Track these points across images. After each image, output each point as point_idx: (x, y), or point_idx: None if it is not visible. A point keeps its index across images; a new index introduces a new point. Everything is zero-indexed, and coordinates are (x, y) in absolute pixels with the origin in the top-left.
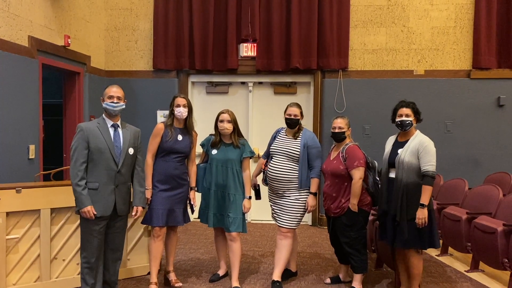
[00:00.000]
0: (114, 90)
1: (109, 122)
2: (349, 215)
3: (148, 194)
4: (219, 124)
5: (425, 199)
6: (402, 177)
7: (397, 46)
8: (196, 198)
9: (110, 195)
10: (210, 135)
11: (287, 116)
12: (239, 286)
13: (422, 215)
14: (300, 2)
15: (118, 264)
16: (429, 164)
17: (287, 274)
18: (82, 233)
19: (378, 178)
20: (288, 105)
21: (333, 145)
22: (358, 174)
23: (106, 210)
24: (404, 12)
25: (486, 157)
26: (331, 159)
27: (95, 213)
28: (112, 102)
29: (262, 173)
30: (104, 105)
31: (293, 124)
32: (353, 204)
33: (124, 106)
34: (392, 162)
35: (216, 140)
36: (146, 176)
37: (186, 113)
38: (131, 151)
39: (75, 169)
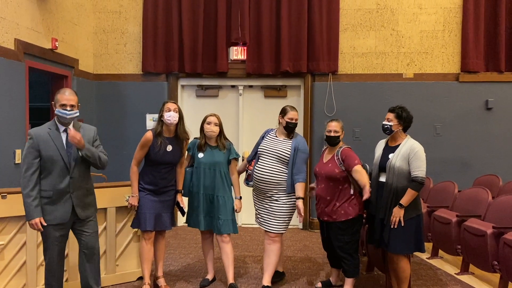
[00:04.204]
0: (67, 98)
1: (61, 127)
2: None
3: (135, 201)
4: (206, 126)
5: (405, 200)
6: (393, 182)
7: (387, 49)
8: (184, 201)
9: (66, 202)
10: (195, 138)
11: (289, 120)
12: (234, 283)
13: (397, 214)
14: (289, 6)
15: (97, 268)
16: (419, 170)
17: (276, 275)
18: (43, 240)
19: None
20: (288, 109)
21: (325, 147)
22: (359, 167)
23: (63, 217)
24: (393, 15)
25: (475, 160)
26: (325, 162)
27: (45, 224)
28: (65, 110)
29: (245, 172)
30: (56, 112)
31: (294, 129)
32: (368, 188)
33: (78, 114)
34: (382, 166)
35: (202, 142)
36: (132, 183)
37: (177, 118)
38: None
39: (25, 178)
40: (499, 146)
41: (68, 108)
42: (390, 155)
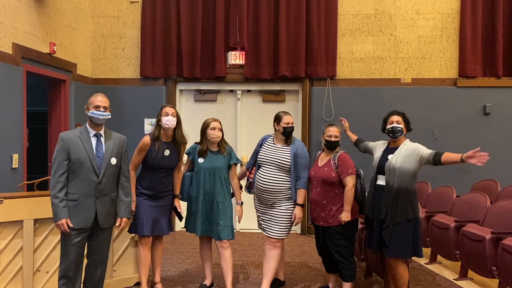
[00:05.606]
0: (100, 100)
1: (92, 132)
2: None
3: (133, 206)
4: (211, 132)
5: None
6: (394, 182)
7: (385, 54)
8: (181, 206)
9: (91, 207)
10: (195, 143)
11: (286, 125)
12: None
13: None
14: (288, 11)
15: (102, 277)
16: (431, 150)
17: (276, 284)
18: (61, 244)
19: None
20: (282, 114)
21: (320, 151)
22: (351, 181)
23: (86, 222)
24: (391, 21)
25: (473, 165)
26: (320, 165)
27: (71, 225)
28: (99, 111)
29: (246, 180)
30: (89, 114)
31: (291, 133)
32: (347, 211)
33: (110, 116)
34: (381, 167)
35: (204, 148)
36: None
37: (175, 123)
38: (113, 161)
39: (53, 180)
40: (497, 151)
41: (101, 110)
42: (389, 156)
